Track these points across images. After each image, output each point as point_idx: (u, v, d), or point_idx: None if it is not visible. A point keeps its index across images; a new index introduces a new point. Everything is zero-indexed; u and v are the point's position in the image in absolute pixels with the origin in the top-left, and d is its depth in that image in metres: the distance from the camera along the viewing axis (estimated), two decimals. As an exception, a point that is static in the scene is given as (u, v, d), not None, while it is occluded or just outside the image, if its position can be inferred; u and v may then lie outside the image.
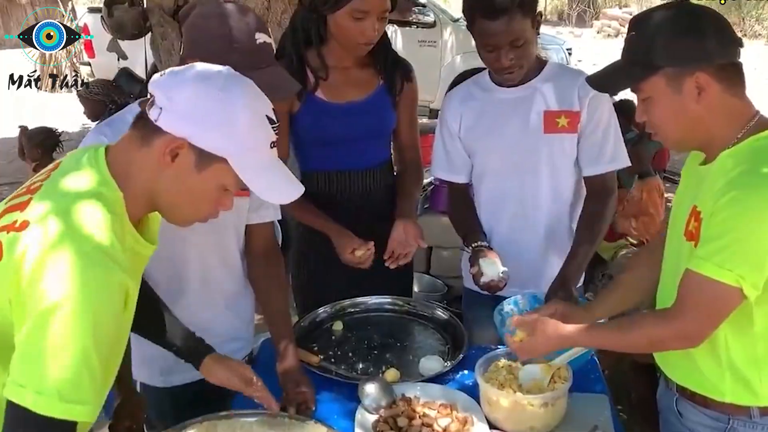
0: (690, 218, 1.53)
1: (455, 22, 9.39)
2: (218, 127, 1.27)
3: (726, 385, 1.54)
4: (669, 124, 1.55)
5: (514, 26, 1.98)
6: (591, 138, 2.16)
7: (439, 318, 2.22)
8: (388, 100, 2.29)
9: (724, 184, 1.43)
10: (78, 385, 1.13)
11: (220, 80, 1.31)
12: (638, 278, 1.85)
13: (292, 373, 1.81)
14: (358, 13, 2.05)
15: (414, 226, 2.21)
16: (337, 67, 2.21)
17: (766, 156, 1.45)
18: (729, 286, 1.41)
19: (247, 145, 1.31)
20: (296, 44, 2.18)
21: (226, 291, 1.96)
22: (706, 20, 1.49)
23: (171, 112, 1.27)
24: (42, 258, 1.15)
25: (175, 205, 1.35)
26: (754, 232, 1.39)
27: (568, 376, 1.74)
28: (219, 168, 1.30)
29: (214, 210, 1.39)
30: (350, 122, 2.23)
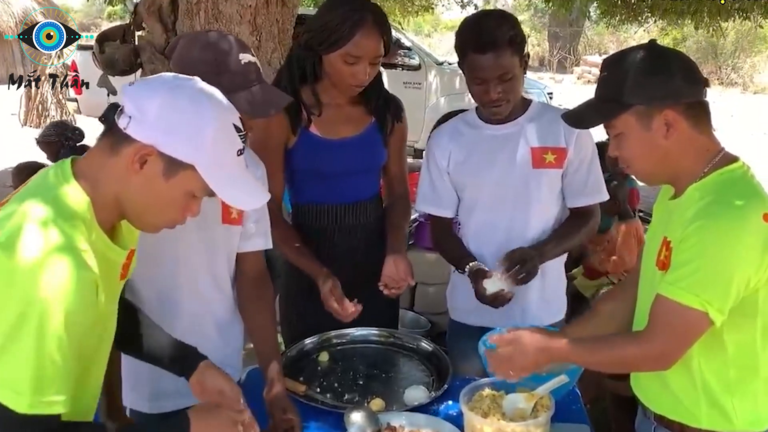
0: (661, 248, 1.60)
1: (439, 66, 9.60)
2: (186, 136, 1.31)
3: (702, 411, 1.59)
4: (639, 159, 1.63)
5: (503, 61, 2.08)
6: (577, 173, 2.26)
7: (424, 350, 2.25)
8: (380, 137, 2.35)
9: (691, 213, 1.51)
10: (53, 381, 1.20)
11: (188, 90, 1.35)
12: (613, 310, 1.90)
13: (279, 400, 1.83)
14: (351, 58, 2.11)
15: (404, 262, 2.26)
16: (331, 104, 2.26)
17: (729, 188, 1.54)
18: (696, 311, 1.47)
19: (214, 153, 1.34)
20: (292, 80, 2.24)
21: (216, 317, 1.99)
22: (674, 61, 1.58)
23: (140, 121, 1.30)
24: (11, 261, 1.20)
25: (143, 212, 1.38)
26: (719, 259, 1.47)
27: (550, 405, 1.78)
28: (187, 175, 1.34)
29: (182, 216, 1.43)
30: (343, 157, 2.28)
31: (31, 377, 1.19)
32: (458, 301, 2.44)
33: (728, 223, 1.48)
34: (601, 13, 8.64)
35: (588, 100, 1.70)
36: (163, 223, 1.44)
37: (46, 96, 12.38)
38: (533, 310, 2.29)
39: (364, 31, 2.10)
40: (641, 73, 1.56)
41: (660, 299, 1.53)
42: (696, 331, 1.51)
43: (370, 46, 2.12)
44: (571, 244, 2.33)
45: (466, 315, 2.41)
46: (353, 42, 2.09)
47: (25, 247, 1.21)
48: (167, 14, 4.16)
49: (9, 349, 1.19)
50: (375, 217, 2.44)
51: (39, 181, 1.37)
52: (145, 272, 1.86)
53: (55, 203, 1.29)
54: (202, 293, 1.95)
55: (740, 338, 1.56)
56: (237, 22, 3.58)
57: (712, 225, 1.48)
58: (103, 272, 1.32)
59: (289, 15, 3.90)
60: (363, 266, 2.36)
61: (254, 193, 1.47)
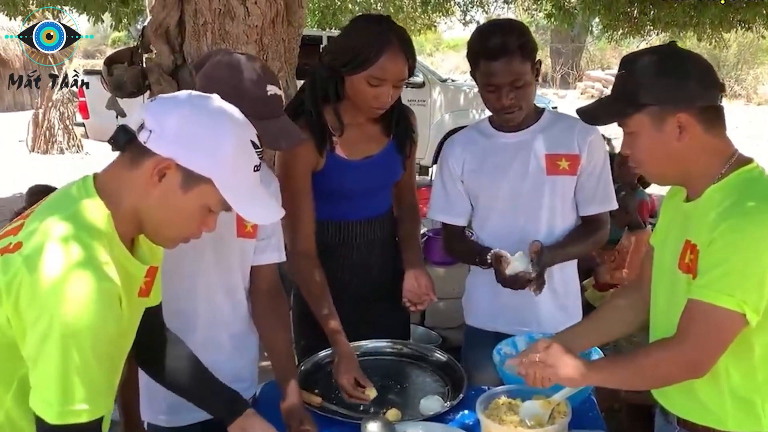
0: (685, 252, 1.58)
1: (443, 82, 9.67)
2: (206, 150, 1.34)
3: (728, 415, 1.57)
4: (650, 160, 1.63)
5: (514, 67, 2.10)
6: (589, 180, 2.27)
7: (438, 360, 2.25)
8: (398, 156, 2.36)
9: (716, 215, 1.50)
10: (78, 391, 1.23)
11: (208, 106, 1.39)
12: (618, 313, 1.90)
13: (295, 411, 1.84)
14: (375, 80, 2.10)
15: (425, 276, 2.28)
16: (352, 123, 2.26)
17: (752, 187, 1.54)
18: (731, 312, 1.46)
19: (232, 167, 1.37)
20: (315, 101, 2.22)
21: (232, 331, 2.00)
22: (691, 64, 1.58)
23: (160, 135, 1.33)
24: (34, 277, 1.23)
25: (161, 225, 1.41)
26: (752, 258, 1.46)
27: (567, 411, 1.77)
28: (204, 189, 1.36)
29: (198, 230, 1.45)
30: (367, 176, 2.29)
31: (57, 388, 1.22)
32: (474, 305, 2.45)
33: (757, 222, 1.47)
34: (603, 27, 8.69)
35: (603, 97, 1.71)
36: (179, 237, 1.46)
37: (53, 122, 12.47)
38: (548, 317, 2.28)
39: (390, 54, 2.09)
40: (656, 74, 1.55)
41: (692, 304, 1.51)
42: (732, 333, 1.49)
43: (395, 69, 2.11)
44: (578, 251, 2.32)
45: (482, 321, 2.41)
46: (378, 65, 2.08)
47: (48, 263, 1.24)
48: (174, 36, 4.20)
49: (38, 362, 1.23)
50: (389, 232, 2.45)
51: (61, 196, 1.40)
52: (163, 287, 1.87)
53: (75, 218, 1.31)
54: (217, 306, 1.96)
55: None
56: (244, 42, 3.61)
57: (742, 225, 1.47)
58: (124, 286, 1.34)
59: (294, 34, 3.93)
60: (377, 280, 2.37)
61: (269, 208, 1.50)
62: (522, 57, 2.10)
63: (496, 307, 2.34)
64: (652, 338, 1.75)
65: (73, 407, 1.23)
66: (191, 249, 1.85)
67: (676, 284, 1.62)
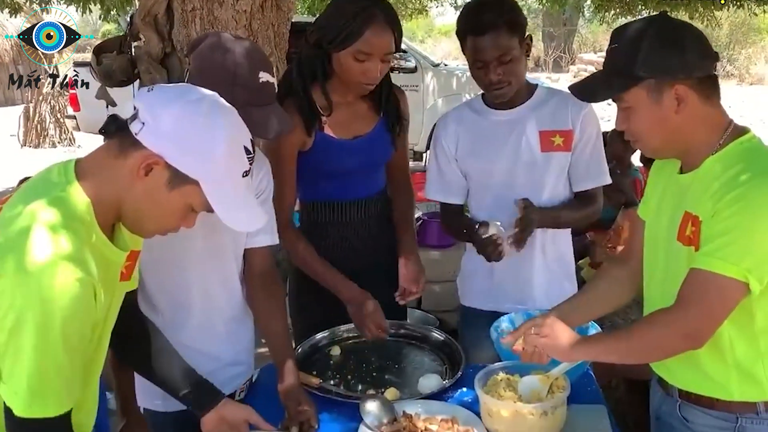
0: (684, 224, 1.57)
1: (436, 67, 9.62)
2: (197, 152, 1.32)
3: (733, 385, 1.57)
4: (649, 133, 1.61)
5: (500, 42, 2.08)
6: (582, 155, 2.25)
7: (435, 340, 2.25)
8: (389, 134, 2.34)
9: (720, 185, 1.49)
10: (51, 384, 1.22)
11: (205, 106, 1.36)
12: (609, 286, 1.90)
13: (293, 392, 1.83)
14: (362, 55, 2.09)
15: (415, 264, 2.31)
16: (341, 102, 2.24)
17: (755, 156, 1.53)
18: (734, 281, 1.45)
19: (221, 172, 1.35)
20: (303, 80, 2.21)
21: (227, 316, 1.98)
22: (687, 35, 1.56)
23: (153, 129, 1.31)
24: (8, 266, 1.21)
25: (140, 218, 1.39)
26: (757, 227, 1.45)
27: (566, 386, 1.77)
28: (190, 189, 1.35)
29: (177, 226, 1.44)
30: (356, 155, 2.28)
31: (27, 380, 1.21)
32: (469, 286, 2.45)
33: (763, 191, 1.46)
34: (596, 8, 8.65)
35: (596, 72, 1.68)
36: (158, 230, 1.45)
37: (44, 115, 12.41)
38: (543, 295, 2.28)
39: (375, 28, 2.07)
40: (654, 46, 1.53)
41: (695, 273, 1.50)
42: (733, 302, 1.49)
43: (381, 43, 2.09)
44: (569, 219, 2.31)
45: (477, 300, 2.41)
46: (364, 39, 2.06)
47: (23, 254, 1.22)
48: (163, 23, 4.16)
49: (9, 349, 1.22)
50: (383, 212, 2.44)
51: (42, 180, 1.38)
52: (156, 278, 1.87)
53: (54, 206, 1.29)
54: (212, 293, 1.95)
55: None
56: (233, 28, 3.58)
57: (747, 194, 1.46)
58: (102, 273, 1.33)
59: (284, 19, 3.90)
60: (372, 261, 2.36)
61: (253, 215, 1.48)
62: (509, 31, 2.09)
63: (492, 286, 2.34)
64: (648, 310, 1.74)
65: (41, 400, 1.22)
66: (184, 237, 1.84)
67: (675, 256, 1.61)
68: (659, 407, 1.79)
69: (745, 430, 1.58)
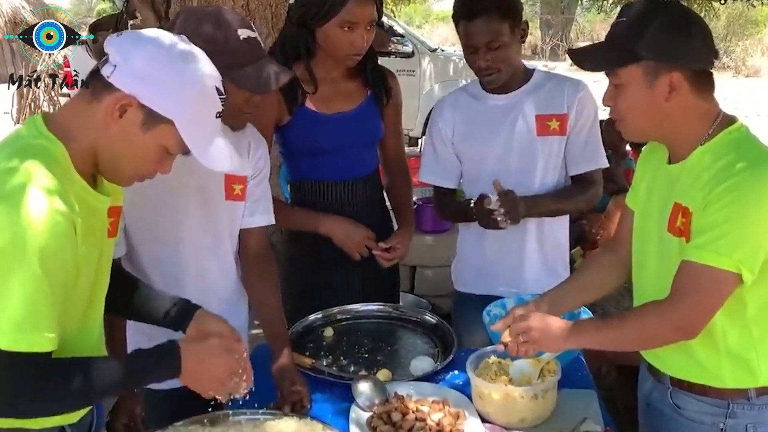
0: (675, 215, 1.57)
1: (433, 52, 9.58)
2: (170, 91, 1.32)
3: (725, 372, 1.58)
4: (634, 115, 1.60)
5: (490, 27, 2.10)
6: (578, 137, 2.26)
7: (428, 323, 2.26)
8: (376, 111, 2.35)
9: (710, 176, 1.49)
10: (35, 317, 1.21)
11: (177, 46, 1.36)
12: (598, 273, 1.91)
13: (286, 371, 1.84)
14: (347, 24, 2.10)
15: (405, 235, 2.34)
16: (326, 79, 2.26)
17: (744, 146, 1.53)
18: (727, 272, 1.46)
19: (195, 111, 1.35)
20: (285, 59, 2.22)
21: (221, 294, 1.99)
22: (695, 25, 1.55)
23: (125, 70, 1.31)
24: None
25: (117, 161, 1.38)
26: (749, 218, 1.46)
27: (557, 370, 1.79)
28: (164, 129, 1.34)
29: (154, 171, 1.43)
30: (340, 132, 2.28)
31: (9, 314, 1.20)
32: (463, 272, 2.45)
33: (753, 182, 1.46)
34: (594, -4, 8.63)
35: (598, 43, 1.66)
36: (135, 175, 1.43)
37: (38, 93, 12.31)
38: (536, 278, 2.29)
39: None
40: (662, 28, 1.51)
41: (687, 265, 1.51)
42: (725, 293, 1.50)
43: (364, 11, 2.11)
44: (567, 205, 2.32)
45: (471, 285, 2.42)
46: (347, 9, 2.08)
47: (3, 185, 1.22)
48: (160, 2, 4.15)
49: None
50: (375, 195, 2.45)
51: (10, 137, 1.37)
52: (149, 252, 1.87)
53: (31, 150, 1.29)
54: (206, 271, 1.95)
55: (761, 295, 1.54)
56: (230, 7, 3.57)
57: (738, 186, 1.46)
58: (87, 219, 1.33)
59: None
60: None
61: (229, 156, 1.46)
62: (500, 17, 2.10)
63: (484, 269, 2.35)
64: (639, 300, 1.75)
65: (29, 335, 1.21)
66: (180, 213, 1.85)
67: (667, 247, 1.61)
68: (649, 394, 1.80)
69: (736, 415, 1.60)
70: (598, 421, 1.73)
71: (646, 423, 1.84)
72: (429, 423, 1.69)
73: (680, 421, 1.68)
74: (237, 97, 1.74)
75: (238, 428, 1.63)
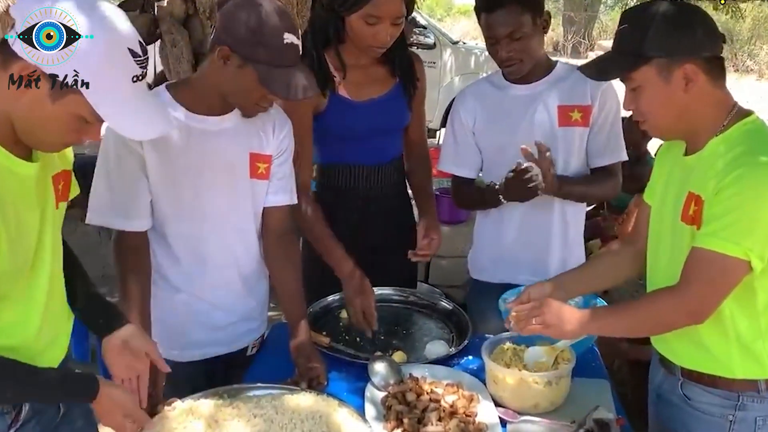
0: (688, 204, 1.60)
1: (454, 45, 9.56)
2: (72, 57, 1.23)
3: (735, 362, 1.60)
4: (657, 113, 1.63)
5: (511, 18, 2.11)
6: (601, 131, 2.27)
7: (443, 308, 2.29)
8: (404, 99, 2.36)
9: (723, 165, 1.52)
10: None
11: (78, 6, 1.25)
12: (612, 262, 1.94)
13: (304, 348, 1.88)
14: (372, 18, 2.09)
15: (434, 229, 2.32)
16: (356, 65, 2.26)
17: (758, 137, 1.56)
18: (736, 259, 1.49)
19: (101, 76, 1.26)
20: (315, 44, 2.23)
21: (243, 271, 2.01)
22: (696, 15, 1.59)
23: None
24: None
25: (33, 131, 1.32)
26: (759, 206, 1.47)
27: (571, 358, 1.81)
28: (73, 98, 1.26)
29: (78, 138, 1.35)
30: (371, 118, 2.29)
31: None
32: (480, 260, 2.47)
33: (765, 171, 1.48)
34: (618, -6, 8.56)
35: (606, 53, 1.70)
36: (57, 143, 1.38)
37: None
38: (553, 268, 2.30)
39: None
40: (664, 25, 1.55)
41: (697, 252, 1.54)
42: (735, 280, 1.52)
43: (391, 7, 2.09)
44: (594, 190, 2.33)
45: (487, 273, 2.44)
46: (373, 2, 2.07)
47: None
48: (186, -18, 4.18)
49: None
50: (398, 179, 2.47)
51: None
52: (174, 227, 1.90)
53: None
54: (229, 248, 1.98)
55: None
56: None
57: (749, 174, 1.48)
58: (8, 187, 1.31)
59: (308, -14, 3.90)
60: (386, 228, 2.39)
61: (150, 122, 1.37)
62: (521, 8, 2.11)
63: (503, 258, 2.37)
64: (650, 287, 1.77)
65: None
66: (204, 190, 1.88)
67: (680, 236, 1.64)
68: (660, 385, 1.82)
69: (746, 407, 1.61)
70: (611, 410, 1.74)
71: (656, 415, 1.86)
72: (443, 404, 1.72)
73: (690, 413, 1.70)
74: (256, 91, 1.77)
75: (255, 402, 1.66)
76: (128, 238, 1.85)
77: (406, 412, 1.69)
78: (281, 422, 1.58)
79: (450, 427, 1.63)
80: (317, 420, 1.59)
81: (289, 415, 1.60)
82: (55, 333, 1.52)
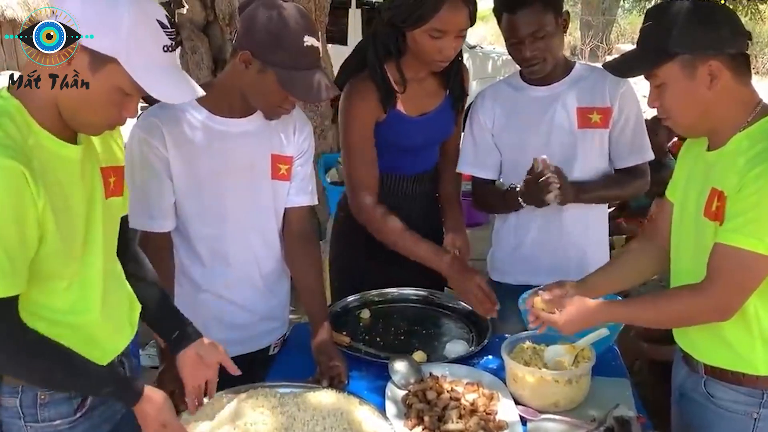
0: (711, 200, 1.59)
1: (472, 49, 9.58)
2: (105, 29, 1.31)
3: (759, 358, 1.60)
4: (681, 109, 1.63)
5: (534, 18, 2.10)
6: (623, 132, 2.26)
7: (463, 309, 2.29)
8: (452, 113, 2.37)
9: (746, 161, 1.51)
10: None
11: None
12: (636, 259, 1.93)
13: (325, 347, 1.90)
14: (437, 33, 2.05)
15: (462, 240, 2.35)
16: (414, 78, 2.25)
17: None
18: (760, 255, 1.48)
19: (135, 45, 1.34)
20: (376, 57, 2.22)
21: (265, 271, 2.04)
22: (721, 12, 1.59)
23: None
24: None
25: (77, 109, 1.39)
26: None
27: (591, 357, 1.81)
28: (112, 69, 1.34)
29: (119, 116, 1.43)
30: (421, 133, 2.31)
31: None
32: (500, 261, 2.47)
33: None
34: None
35: (630, 50, 1.71)
36: (101, 123, 1.44)
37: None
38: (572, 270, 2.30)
39: (450, 4, 2.02)
40: (689, 22, 1.56)
41: (720, 248, 1.54)
42: (760, 276, 1.52)
43: (456, 20, 2.06)
44: (614, 192, 2.34)
45: (506, 274, 2.44)
46: (439, 17, 2.03)
47: None
48: (206, -9, 4.24)
49: None
50: (431, 190, 2.48)
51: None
52: (197, 227, 1.93)
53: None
54: (251, 248, 2.01)
55: None
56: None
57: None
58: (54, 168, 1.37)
59: (325, -8, 3.94)
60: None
61: (182, 87, 1.45)
62: (543, 7, 2.10)
63: (523, 260, 2.37)
64: (673, 282, 1.77)
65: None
66: (227, 191, 1.91)
67: (702, 232, 1.63)
68: (683, 383, 1.81)
69: None
70: (631, 408, 1.74)
71: (679, 412, 1.86)
72: (463, 402, 1.73)
73: (714, 411, 1.69)
74: (277, 94, 1.80)
75: (278, 399, 1.68)
76: (152, 239, 1.88)
77: (427, 410, 1.70)
78: (303, 419, 1.60)
79: (470, 425, 1.64)
80: (339, 417, 1.61)
81: (311, 412, 1.62)
82: (119, 322, 1.60)
